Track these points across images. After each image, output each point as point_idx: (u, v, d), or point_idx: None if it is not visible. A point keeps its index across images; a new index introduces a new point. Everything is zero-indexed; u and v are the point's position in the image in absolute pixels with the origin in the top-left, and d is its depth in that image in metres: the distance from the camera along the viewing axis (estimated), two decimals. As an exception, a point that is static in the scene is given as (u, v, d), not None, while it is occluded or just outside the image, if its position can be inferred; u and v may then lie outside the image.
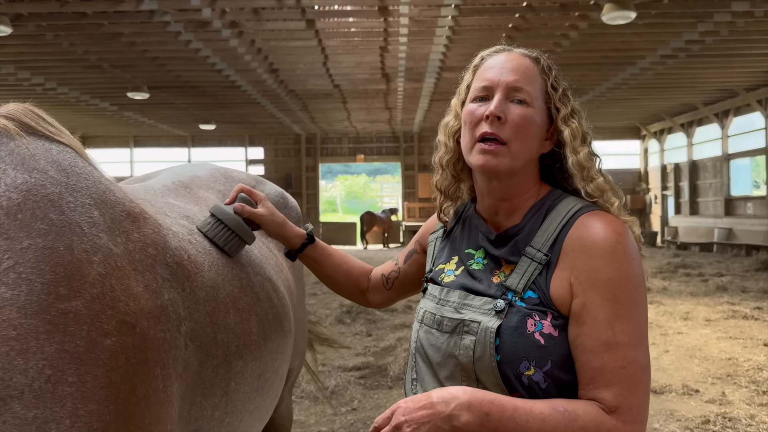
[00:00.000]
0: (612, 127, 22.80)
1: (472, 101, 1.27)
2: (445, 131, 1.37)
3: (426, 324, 1.28)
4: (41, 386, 0.90)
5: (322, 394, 4.56)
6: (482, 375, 1.15)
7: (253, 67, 12.81)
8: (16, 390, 0.88)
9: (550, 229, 1.21)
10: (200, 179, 2.05)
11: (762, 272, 11.90)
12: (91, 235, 1.09)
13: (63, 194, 1.09)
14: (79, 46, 11.04)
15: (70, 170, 1.15)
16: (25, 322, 0.92)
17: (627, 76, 13.97)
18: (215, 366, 1.33)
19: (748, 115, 17.15)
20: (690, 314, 7.89)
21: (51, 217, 1.03)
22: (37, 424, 0.89)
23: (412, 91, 15.62)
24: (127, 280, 1.11)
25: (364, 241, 22.67)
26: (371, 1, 9.47)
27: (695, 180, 20.14)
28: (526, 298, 1.17)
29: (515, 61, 1.27)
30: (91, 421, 0.94)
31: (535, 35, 10.82)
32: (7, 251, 0.95)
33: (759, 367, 5.37)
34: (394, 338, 6.60)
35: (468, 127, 1.25)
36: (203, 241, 1.50)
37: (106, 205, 1.18)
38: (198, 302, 1.31)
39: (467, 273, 1.29)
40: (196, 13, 9.49)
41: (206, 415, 1.32)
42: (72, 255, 1.02)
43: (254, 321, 1.54)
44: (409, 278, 1.58)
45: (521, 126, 1.21)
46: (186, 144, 24.20)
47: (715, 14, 9.66)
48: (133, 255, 1.16)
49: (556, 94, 1.28)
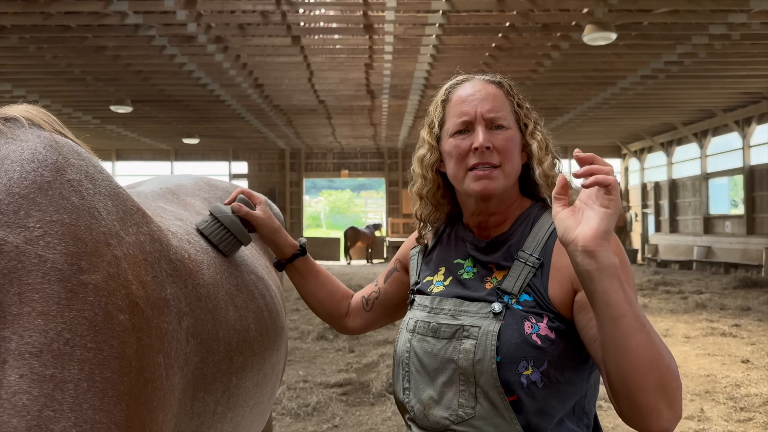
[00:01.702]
0: (593, 145, 23.11)
1: (452, 136, 1.32)
2: (421, 164, 1.41)
3: (419, 333, 1.30)
4: (59, 347, 0.94)
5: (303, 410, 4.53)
6: (481, 378, 1.17)
7: (238, 82, 12.82)
8: (34, 348, 0.92)
9: (540, 235, 1.27)
10: (186, 187, 2.09)
11: (740, 290, 12.06)
12: (107, 221, 1.14)
13: (83, 181, 1.15)
14: (62, 58, 10.99)
15: (87, 161, 1.22)
16: (48, 287, 0.97)
17: (608, 95, 14.20)
18: (217, 362, 1.36)
19: (726, 135, 17.49)
20: (670, 331, 7.97)
21: (73, 199, 1.09)
22: (54, 382, 0.91)
23: (396, 107, 15.73)
24: (137, 267, 1.15)
25: (348, 256, 22.64)
26: (356, 19, 9.56)
27: (675, 198, 20.45)
28: (522, 301, 1.21)
29: (483, 90, 1.33)
30: (106, 387, 0.97)
31: (517, 55, 10.99)
32: (39, 221, 1.01)
33: (737, 384, 5.43)
34: (376, 354, 6.58)
35: (454, 160, 1.31)
36: (200, 241, 1.54)
37: (118, 197, 1.24)
38: (200, 299, 1.35)
39: (458, 282, 1.32)
40: (182, 28, 9.51)
41: (208, 410, 1.34)
42: (91, 235, 1.08)
43: (251, 318, 1.58)
44: (390, 297, 1.59)
45: (507, 149, 1.29)
46: (169, 158, 24.08)
47: (693, 36, 9.89)
48: (143, 246, 1.22)
49: (522, 111, 1.35)
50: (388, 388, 5.24)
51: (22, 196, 1.02)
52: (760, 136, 16.13)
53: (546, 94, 14.04)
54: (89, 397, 0.94)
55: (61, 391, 0.91)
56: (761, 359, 6.37)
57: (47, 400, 0.90)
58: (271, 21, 9.37)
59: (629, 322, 0.99)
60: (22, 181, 1.04)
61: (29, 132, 1.16)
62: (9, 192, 1.02)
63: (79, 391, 0.93)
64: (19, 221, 1.00)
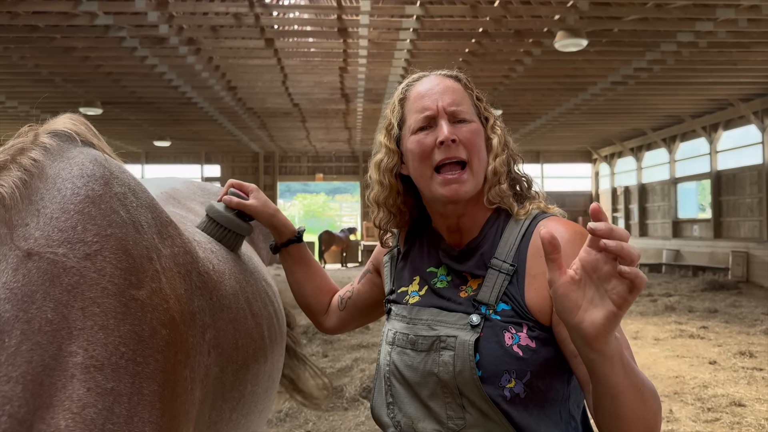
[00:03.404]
0: (564, 150, 23.42)
1: (415, 133, 1.27)
2: (378, 169, 1.35)
3: (399, 345, 1.26)
4: (117, 361, 0.97)
5: (276, 416, 4.49)
6: (465, 389, 1.14)
7: (211, 84, 12.70)
8: (98, 361, 0.94)
9: (511, 240, 1.22)
10: (181, 191, 2.09)
11: (707, 292, 12.31)
12: (149, 235, 1.17)
13: (127, 194, 1.17)
14: (30, 59, 10.75)
15: (127, 173, 1.25)
16: (107, 301, 1.00)
17: (579, 101, 14.40)
18: (236, 371, 1.39)
19: (694, 140, 17.86)
20: (639, 333, 8.09)
21: (122, 213, 1.12)
22: (114, 395, 0.94)
23: (371, 111, 15.74)
24: (173, 281, 1.18)
25: (322, 260, 22.53)
26: (331, 23, 9.54)
27: (644, 203, 20.81)
28: (499, 310, 1.17)
29: (442, 83, 1.29)
30: (153, 401, 1.00)
31: (490, 60, 11.08)
32: (96, 236, 1.04)
33: (704, 385, 5.53)
34: (350, 359, 6.55)
35: (418, 158, 1.25)
36: (221, 250, 1.56)
37: (155, 210, 1.26)
38: (222, 310, 1.37)
39: (432, 292, 1.28)
40: (153, 29, 9.38)
41: (224, 417, 1.37)
42: (137, 250, 1.10)
43: (265, 325, 1.62)
44: (362, 298, 1.56)
45: (473, 141, 1.24)
46: (140, 161, 23.73)
47: (661, 44, 10.09)
48: (177, 259, 1.24)
49: (482, 105, 1.31)
50: (362, 392, 5.22)
51: (77, 211, 1.05)
52: (726, 141, 16.51)
53: (518, 99, 14.18)
54: (140, 410, 0.98)
55: (119, 404, 0.95)
56: (727, 360, 6.50)
57: (109, 414, 0.93)
58: (245, 23, 9.30)
59: (628, 396, 0.95)
60: (75, 197, 1.06)
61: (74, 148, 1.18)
62: (64, 210, 1.04)
63: (132, 404, 0.97)
64: (78, 236, 1.02)
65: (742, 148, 15.86)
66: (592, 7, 8.72)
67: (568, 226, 1.19)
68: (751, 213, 15.37)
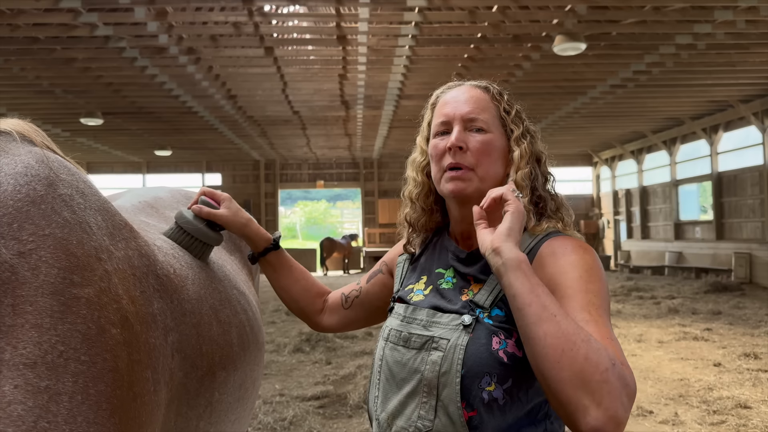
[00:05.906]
0: (565, 154, 23.42)
1: (435, 137, 1.35)
2: (413, 167, 1.45)
3: (391, 341, 1.30)
4: (54, 360, 0.94)
5: (280, 423, 4.48)
6: (443, 391, 1.16)
7: (211, 93, 12.74)
8: (28, 359, 0.92)
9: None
10: (163, 200, 2.08)
11: (711, 294, 12.29)
12: (98, 236, 1.15)
13: (74, 196, 1.16)
14: (30, 71, 10.80)
15: (77, 176, 1.23)
16: (41, 300, 0.97)
17: (578, 105, 14.42)
18: (200, 377, 1.37)
19: (694, 142, 17.87)
20: (643, 336, 8.07)
21: (65, 214, 1.10)
22: (49, 394, 0.92)
23: (371, 118, 15.77)
24: (126, 282, 1.16)
25: (324, 267, 22.53)
26: (330, 30, 9.58)
27: (646, 205, 20.79)
28: (493, 315, 1.19)
29: (467, 93, 1.35)
30: (100, 401, 0.98)
31: (489, 65, 11.10)
32: (32, 235, 1.02)
33: (709, 387, 5.51)
34: (354, 366, 6.54)
35: (434, 160, 1.34)
36: (185, 256, 1.54)
37: (107, 212, 1.24)
38: (185, 314, 1.35)
39: (436, 292, 1.31)
40: (153, 39, 9.42)
41: (191, 425, 1.35)
42: (83, 249, 1.08)
43: (234, 332, 1.59)
44: (370, 298, 1.57)
45: (482, 151, 1.29)
46: (141, 170, 23.78)
47: (660, 46, 10.11)
48: (131, 261, 1.22)
49: (509, 117, 1.35)
50: (366, 400, 5.20)
51: (16, 209, 1.03)
52: (726, 143, 16.52)
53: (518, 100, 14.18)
54: (83, 409, 0.95)
55: (56, 403, 0.92)
56: (732, 362, 6.48)
57: (42, 412, 0.90)
58: (244, 32, 9.34)
59: (535, 310, 1.02)
60: (15, 194, 1.05)
61: (21, 146, 1.16)
62: (3, 204, 1.02)
63: (74, 403, 0.94)
64: (13, 233, 1.00)
65: (743, 149, 15.88)
66: (590, 11, 8.74)
67: (576, 243, 1.22)
68: (753, 214, 15.35)
